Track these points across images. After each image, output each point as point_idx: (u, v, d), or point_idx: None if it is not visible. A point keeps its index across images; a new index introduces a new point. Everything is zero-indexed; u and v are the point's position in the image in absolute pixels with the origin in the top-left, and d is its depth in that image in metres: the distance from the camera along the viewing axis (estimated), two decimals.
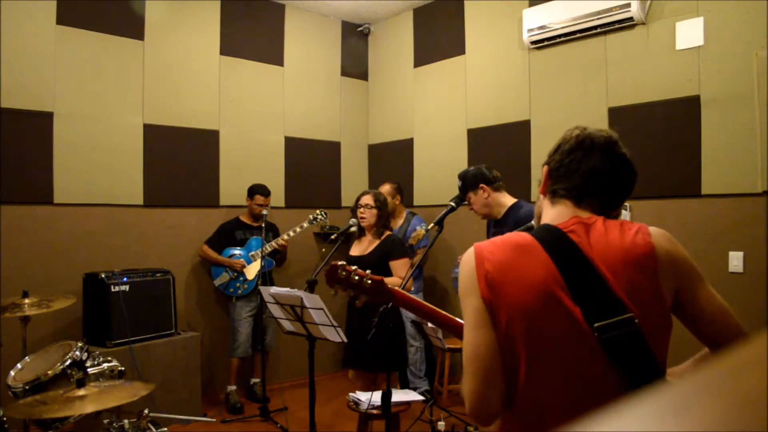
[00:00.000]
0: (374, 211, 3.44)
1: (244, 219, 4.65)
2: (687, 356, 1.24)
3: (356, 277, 1.57)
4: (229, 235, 4.56)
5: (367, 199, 3.49)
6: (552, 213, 1.20)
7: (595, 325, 1.03)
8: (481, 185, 2.87)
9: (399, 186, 4.86)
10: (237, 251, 4.52)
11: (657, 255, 1.09)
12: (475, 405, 1.07)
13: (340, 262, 1.63)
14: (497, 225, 2.90)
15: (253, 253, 4.50)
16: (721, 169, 3.41)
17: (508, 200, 2.89)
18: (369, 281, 1.57)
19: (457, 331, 1.49)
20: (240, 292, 4.49)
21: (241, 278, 4.48)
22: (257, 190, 4.55)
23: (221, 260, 4.48)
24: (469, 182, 2.91)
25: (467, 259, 1.16)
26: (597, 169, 1.18)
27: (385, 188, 4.71)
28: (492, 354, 1.07)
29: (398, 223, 4.71)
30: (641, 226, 1.15)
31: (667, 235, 1.14)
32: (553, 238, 1.12)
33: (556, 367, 1.07)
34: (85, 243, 4.12)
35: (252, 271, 4.47)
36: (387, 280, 3.02)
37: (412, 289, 4.22)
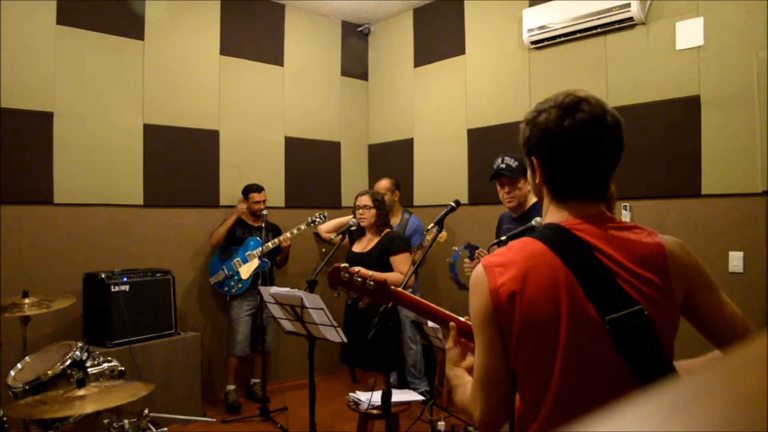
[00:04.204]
0: (373, 210, 3.52)
1: (244, 218, 4.65)
2: (690, 352, 1.23)
3: (359, 279, 1.57)
4: (228, 231, 4.57)
5: (365, 200, 3.55)
6: (557, 214, 1.18)
7: (607, 318, 1.04)
8: None
9: (397, 182, 4.74)
10: (232, 252, 4.53)
11: (667, 258, 1.09)
12: (488, 421, 1.15)
13: (342, 264, 1.63)
14: (515, 222, 2.94)
15: (249, 252, 4.50)
16: (721, 169, 3.40)
17: (532, 198, 2.96)
18: (372, 283, 1.57)
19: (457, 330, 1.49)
20: (234, 291, 4.48)
21: (235, 277, 4.47)
22: (249, 189, 4.61)
23: (227, 224, 4.51)
24: None
25: (478, 281, 1.14)
26: (592, 155, 1.13)
27: (383, 183, 4.62)
28: (503, 378, 1.13)
29: (395, 221, 4.56)
30: (651, 230, 1.15)
31: (679, 243, 1.14)
32: (561, 240, 1.12)
33: (576, 372, 1.08)
34: (85, 243, 4.12)
35: (247, 270, 4.48)
36: (388, 275, 3.07)
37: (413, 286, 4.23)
